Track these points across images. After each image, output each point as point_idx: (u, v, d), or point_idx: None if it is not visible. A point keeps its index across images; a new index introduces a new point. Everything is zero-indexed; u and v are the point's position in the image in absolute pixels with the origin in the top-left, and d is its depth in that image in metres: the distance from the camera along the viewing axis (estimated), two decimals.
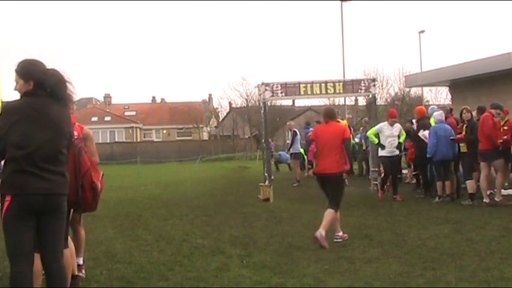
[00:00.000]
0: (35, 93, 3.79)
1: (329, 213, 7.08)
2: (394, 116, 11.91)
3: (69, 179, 4.05)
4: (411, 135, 12.96)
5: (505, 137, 10.17)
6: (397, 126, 11.76)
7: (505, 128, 11.10)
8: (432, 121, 11.30)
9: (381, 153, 11.73)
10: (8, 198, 3.67)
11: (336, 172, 7.18)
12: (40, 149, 3.68)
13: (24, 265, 3.68)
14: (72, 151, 4.18)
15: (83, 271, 5.55)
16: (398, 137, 11.78)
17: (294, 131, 16.28)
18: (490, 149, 9.81)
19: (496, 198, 9.79)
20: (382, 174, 12.31)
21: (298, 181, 15.71)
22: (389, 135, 11.52)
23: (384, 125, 11.70)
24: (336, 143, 7.22)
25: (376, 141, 11.78)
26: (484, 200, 9.86)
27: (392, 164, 11.63)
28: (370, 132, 12.11)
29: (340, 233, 7.26)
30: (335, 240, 7.12)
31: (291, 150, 16.62)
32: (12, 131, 3.67)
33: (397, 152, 11.78)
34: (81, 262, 5.58)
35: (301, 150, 23.43)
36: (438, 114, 10.85)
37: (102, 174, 4.75)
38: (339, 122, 8.83)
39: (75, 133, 5.12)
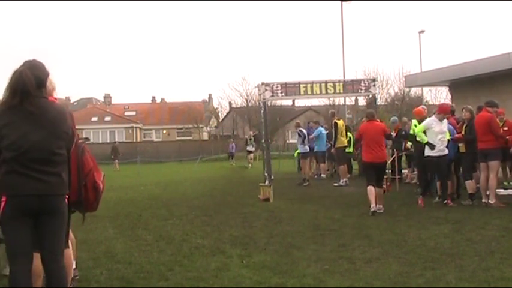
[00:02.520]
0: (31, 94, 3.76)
1: (380, 191, 9.65)
2: (447, 112, 10.45)
3: (71, 179, 4.03)
4: (407, 135, 13.11)
5: (508, 137, 10.25)
6: (445, 121, 10.37)
7: (505, 128, 11.12)
8: None
9: (429, 153, 10.17)
10: (3, 199, 3.68)
11: (384, 161, 10.11)
12: (31, 151, 3.66)
13: (22, 265, 3.68)
14: (75, 151, 4.14)
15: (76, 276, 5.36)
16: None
17: (300, 130, 16.25)
18: (497, 148, 9.85)
19: (490, 201, 9.71)
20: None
21: (307, 180, 15.76)
22: (439, 132, 10.09)
23: (432, 120, 10.23)
24: (380, 137, 9.73)
25: (426, 139, 10.13)
26: (483, 200, 9.86)
27: (442, 165, 10.20)
28: (419, 130, 10.36)
29: (381, 205, 9.53)
30: (378, 211, 9.29)
31: (299, 149, 16.61)
32: (4, 133, 3.66)
33: (446, 151, 10.21)
34: (74, 266, 5.24)
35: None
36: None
37: (104, 175, 4.74)
38: (378, 120, 10.54)
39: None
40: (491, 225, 7.79)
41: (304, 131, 16.50)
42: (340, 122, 16.17)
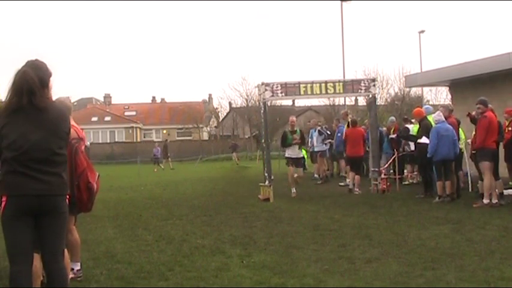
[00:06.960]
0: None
1: (358, 178, 13.11)
2: None
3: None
4: (406, 135, 13.16)
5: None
6: None
7: (510, 128, 11.12)
8: (432, 121, 11.28)
9: None
10: (4, 198, 3.68)
11: (363, 155, 13.68)
12: (31, 151, 3.64)
13: (22, 265, 3.67)
14: (68, 151, 4.13)
15: (81, 276, 5.40)
16: None
17: (319, 130, 16.49)
18: (495, 148, 9.93)
19: (484, 201, 9.74)
20: None
21: (321, 178, 16.06)
22: None
23: None
24: (361, 139, 13.44)
25: None
26: (483, 200, 9.86)
27: None
28: None
29: (358, 189, 12.91)
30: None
31: (315, 148, 16.78)
32: (4, 133, 3.65)
33: None
34: (78, 267, 5.36)
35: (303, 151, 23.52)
36: (436, 115, 10.84)
37: (98, 175, 4.72)
38: (359, 126, 14.03)
39: (77, 134, 5.08)
40: (491, 225, 7.79)
41: (325, 130, 16.96)
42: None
